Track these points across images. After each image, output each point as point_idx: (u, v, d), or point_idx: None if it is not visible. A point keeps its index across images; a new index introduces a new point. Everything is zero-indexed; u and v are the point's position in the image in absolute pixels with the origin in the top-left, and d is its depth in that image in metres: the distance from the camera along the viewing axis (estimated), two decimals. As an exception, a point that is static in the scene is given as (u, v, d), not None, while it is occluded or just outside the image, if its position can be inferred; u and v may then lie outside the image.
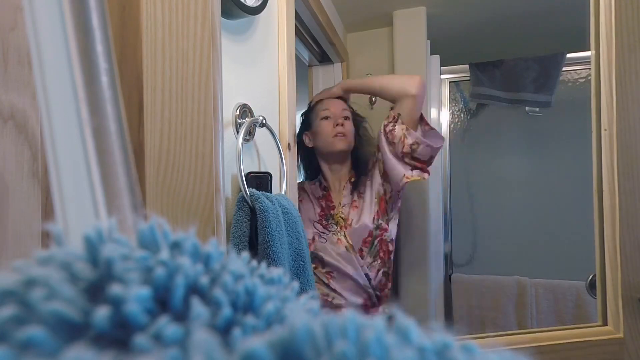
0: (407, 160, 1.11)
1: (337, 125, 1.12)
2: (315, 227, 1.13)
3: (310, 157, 1.22)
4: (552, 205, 1.49)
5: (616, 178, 0.74)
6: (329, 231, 1.12)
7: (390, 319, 0.11)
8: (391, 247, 1.16)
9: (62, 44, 0.15)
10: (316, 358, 0.09)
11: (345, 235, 1.11)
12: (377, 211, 1.15)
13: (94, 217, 0.14)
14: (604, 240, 0.76)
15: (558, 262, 1.45)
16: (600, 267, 0.78)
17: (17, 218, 0.37)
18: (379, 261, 1.13)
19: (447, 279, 1.50)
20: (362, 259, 1.12)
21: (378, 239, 1.14)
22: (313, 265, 1.10)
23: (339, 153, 1.14)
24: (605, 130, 0.76)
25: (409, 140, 1.09)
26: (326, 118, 1.14)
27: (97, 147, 0.13)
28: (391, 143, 1.12)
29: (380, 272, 1.13)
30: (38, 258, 0.12)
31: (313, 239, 1.12)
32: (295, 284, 0.14)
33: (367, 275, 1.11)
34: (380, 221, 1.14)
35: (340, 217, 1.14)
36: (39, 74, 0.15)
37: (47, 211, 0.39)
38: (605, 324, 0.76)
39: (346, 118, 1.15)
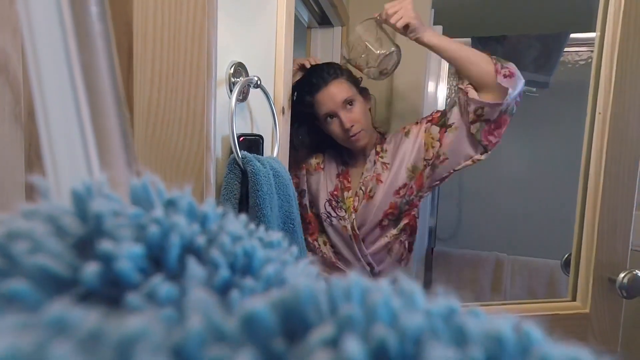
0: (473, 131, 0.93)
1: (346, 130, 0.95)
2: (325, 207, 1.05)
3: (316, 129, 1.05)
4: (539, 185, 1.52)
5: (604, 161, 0.75)
6: (338, 215, 1.04)
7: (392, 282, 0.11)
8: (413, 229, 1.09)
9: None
10: (319, 321, 0.09)
11: (353, 222, 1.03)
12: (406, 185, 1.02)
13: (84, 159, 0.13)
14: (584, 221, 0.78)
15: (538, 240, 1.50)
16: (577, 246, 0.80)
17: (-3, 166, 0.36)
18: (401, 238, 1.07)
19: (430, 252, 1.54)
20: (372, 244, 1.06)
21: (405, 214, 1.06)
22: (315, 237, 1.08)
23: (360, 147, 1.01)
24: (599, 113, 0.76)
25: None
26: (330, 116, 0.97)
27: (87, 87, 0.12)
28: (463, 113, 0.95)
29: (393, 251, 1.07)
30: (23, 211, 0.11)
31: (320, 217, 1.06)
32: (295, 249, 0.14)
33: (370, 264, 1.05)
34: (411, 197, 1.03)
35: (351, 200, 1.04)
36: (23, 6, 0.13)
37: (31, 158, 0.37)
38: (574, 299, 0.80)
39: (350, 103, 0.95)
